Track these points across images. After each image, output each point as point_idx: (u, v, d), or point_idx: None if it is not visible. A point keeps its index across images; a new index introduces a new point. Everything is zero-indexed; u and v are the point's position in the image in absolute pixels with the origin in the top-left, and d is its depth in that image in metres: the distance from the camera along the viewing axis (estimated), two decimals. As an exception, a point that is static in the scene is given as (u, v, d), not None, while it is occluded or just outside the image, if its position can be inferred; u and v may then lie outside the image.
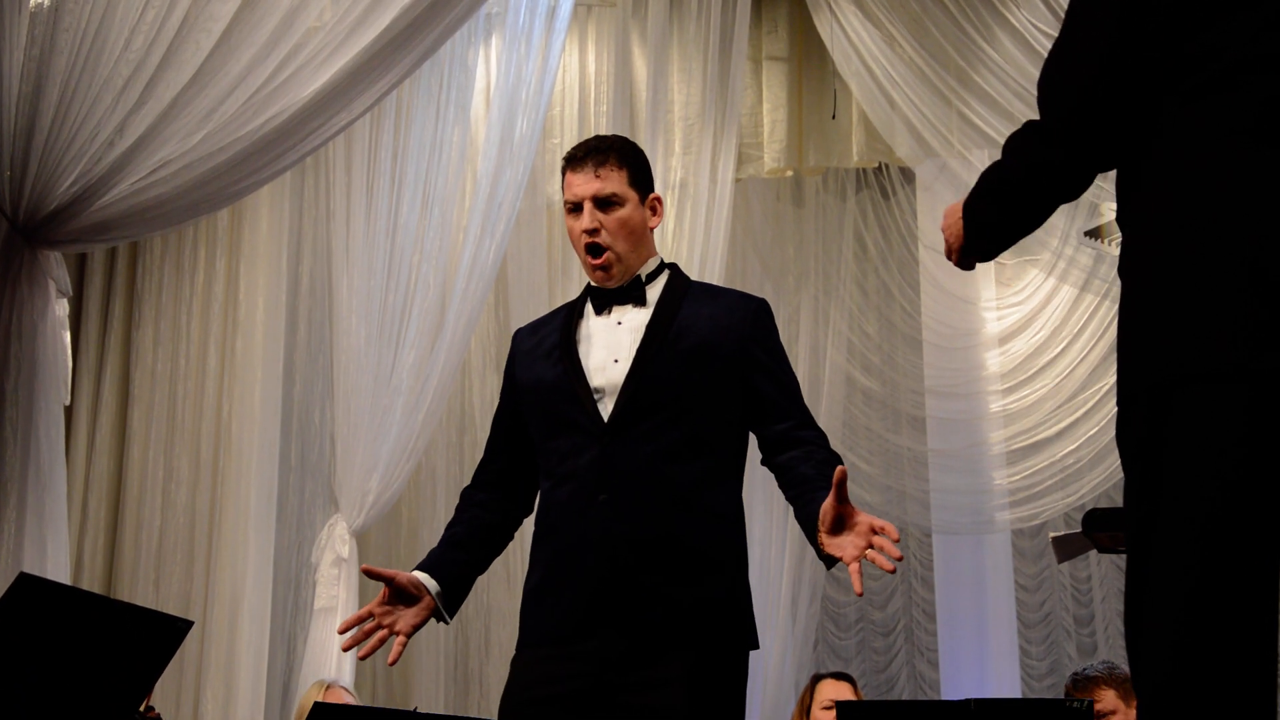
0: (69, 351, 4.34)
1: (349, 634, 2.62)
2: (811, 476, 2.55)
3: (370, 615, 2.62)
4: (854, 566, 2.34)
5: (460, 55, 5.59)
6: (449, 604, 2.69)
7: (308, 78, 4.26)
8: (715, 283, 5.67)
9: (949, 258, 2.13)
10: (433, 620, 2.68)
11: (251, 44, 4.19)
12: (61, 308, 4.24)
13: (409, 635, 2.63)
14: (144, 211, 4.17)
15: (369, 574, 2.63)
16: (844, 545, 2.38)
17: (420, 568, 2.71)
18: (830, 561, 2.43)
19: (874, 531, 2.34)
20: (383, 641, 2.62)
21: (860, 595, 2.46)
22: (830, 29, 6.17)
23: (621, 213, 2.69)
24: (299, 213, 5.71)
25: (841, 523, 2.39)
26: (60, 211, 4.03)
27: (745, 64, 6.28)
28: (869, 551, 2.33)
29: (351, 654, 5.10)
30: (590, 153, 2.72)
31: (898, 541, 2.32)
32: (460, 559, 2.75)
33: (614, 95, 5.96)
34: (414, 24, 4.30)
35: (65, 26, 3.97)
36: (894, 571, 2.35)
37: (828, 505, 2.38)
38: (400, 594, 2.63)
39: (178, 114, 4.13)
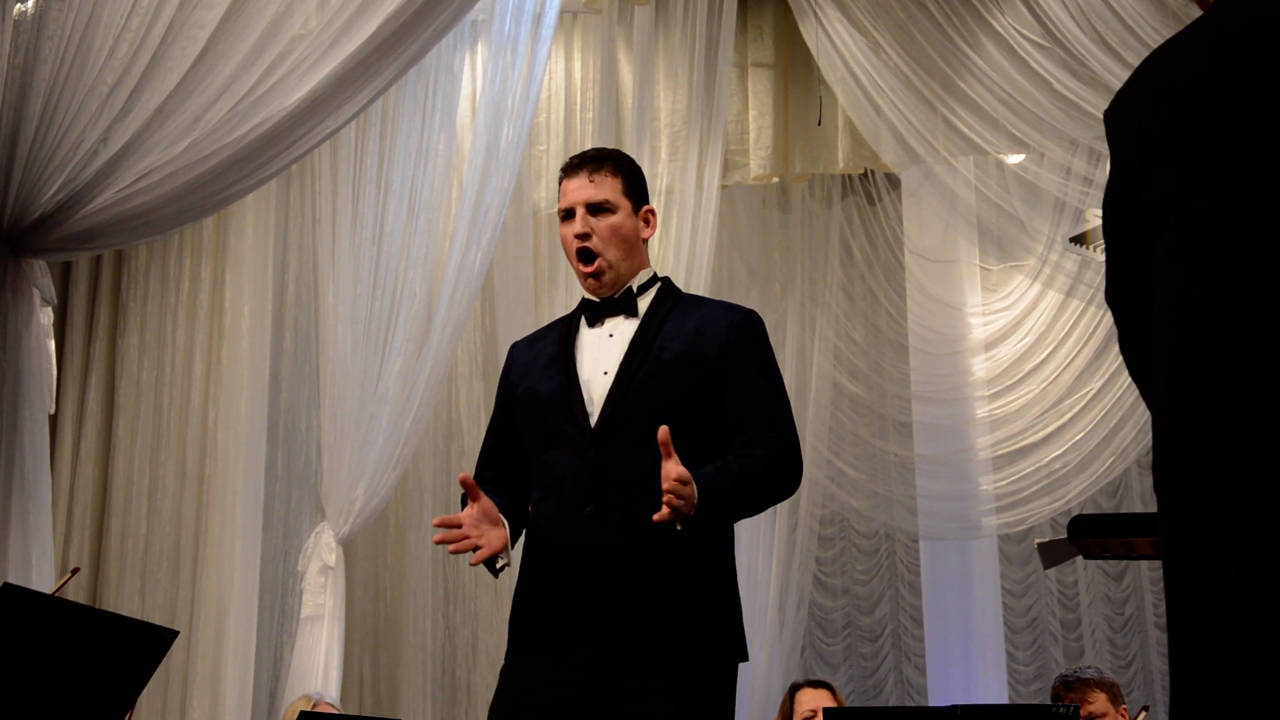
0: (53, 360, 4.32)
1: (440, 533, 2.55)
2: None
3: (459, 524, 2.54)
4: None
5: (446, 62, 5.58)
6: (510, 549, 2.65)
7: (293, 85, 4.25)
8: (701, 290, 5.70)
9: None
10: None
11: (236, 51, 4.18)
12: (46, 316, 4.22)
13: (491, 555, 2.56)
14: (129, 220, 4.15)
15: (465, 484, 2.55)
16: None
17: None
18: None
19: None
20: (469, 550, 2.54)
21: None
22: (816, 35, 6.19)
23: (613, 219, 2.72)
24: (284, 220, 5.69)
25: None
26: (45, 220, 4.01)
27: (731, 71, 6.29)
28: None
29: (337, 663, 5.11)
30: (586, 161, 2.78)
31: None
32: (514, 507, 2.70)
33: (600, 102, 5.96)
34: (399, 31, 4.29)
35: (49, 34, 3.95)
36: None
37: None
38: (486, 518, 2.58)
39: (162, 122, 4.11)
